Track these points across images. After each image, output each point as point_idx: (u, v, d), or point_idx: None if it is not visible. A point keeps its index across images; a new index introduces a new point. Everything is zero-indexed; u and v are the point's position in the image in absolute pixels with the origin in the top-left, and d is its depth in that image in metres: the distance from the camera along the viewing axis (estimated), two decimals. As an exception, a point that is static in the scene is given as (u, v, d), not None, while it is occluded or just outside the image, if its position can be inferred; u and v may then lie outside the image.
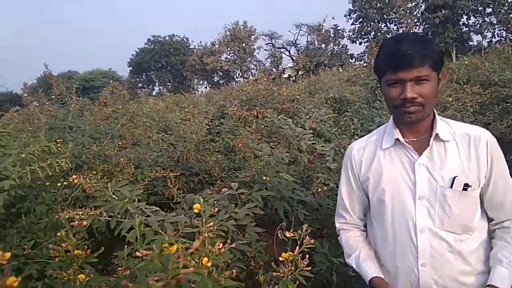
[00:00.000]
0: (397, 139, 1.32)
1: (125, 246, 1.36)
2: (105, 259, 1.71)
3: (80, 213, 1.55)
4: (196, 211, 1.06)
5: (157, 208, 1.83)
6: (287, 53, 36.35)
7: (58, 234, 1.13)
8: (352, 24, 31.63)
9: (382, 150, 1.37)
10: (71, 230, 1.17)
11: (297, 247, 1.19)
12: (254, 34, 36.15)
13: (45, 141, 2.71)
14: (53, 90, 4.71)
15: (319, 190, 2.70)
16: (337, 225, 1.56)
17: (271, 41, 35.97)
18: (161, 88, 39.78)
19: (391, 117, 1.40)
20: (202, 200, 1.12)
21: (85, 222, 1.24)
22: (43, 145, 2.40)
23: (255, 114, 3.98)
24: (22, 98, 4.93)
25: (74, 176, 1.80)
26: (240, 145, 3.41)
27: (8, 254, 0.79)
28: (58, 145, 2.71)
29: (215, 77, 37.51)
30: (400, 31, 25.57)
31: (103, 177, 2.71)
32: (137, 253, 0.81)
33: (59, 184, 2.39)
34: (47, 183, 2.38)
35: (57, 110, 4.50)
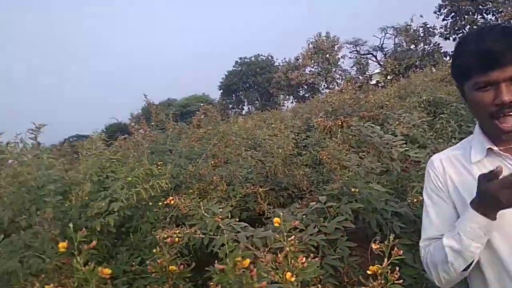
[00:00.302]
0: (490, 148, 1.13)
1: (216, 262, 1.42)
2: (203, 274, 1.81)
3: (177, 231, 1.67)
4: (276, 225, 1.07)
5: (246, 224, 1.89)
6: (374, 59, 35.00)
7: (154, 251, 1.23)
8: (444, 19, 29.35)
9: (473, 165, 1.16)
10: (165, 247, 1.26)
11: (386, 260, 1.13)
12: (337, 44, 35.67)
13: (147, 164, 2.98)
14: (153, 117, 5.22)
15: (415, 200, 2.50)
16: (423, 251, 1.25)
17: (356, 48, 34.99)
18: (249, 107, 41.20)
19: (476, 126, 1.21)
20: (281, 214, 1.13)
21: (176, 239, 1.33)
22: (146, 168, 2.65)
23: (340, 123, 3.89)
24: (129, 127, 5.55)
25: (170, 198, 1.95)
26: (325, 157, 3.34)
27: (107, 270, 0.90)
28: (159, 167, 2.93)
29: (301, 91, 37.68)
30: (499, 21, 22.94)
31: (199, 196, 2.90)
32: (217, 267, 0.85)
33: (160, 204, 2.60)
34: (150, 203, 2.57)
35: (158, 135, 4.95)
